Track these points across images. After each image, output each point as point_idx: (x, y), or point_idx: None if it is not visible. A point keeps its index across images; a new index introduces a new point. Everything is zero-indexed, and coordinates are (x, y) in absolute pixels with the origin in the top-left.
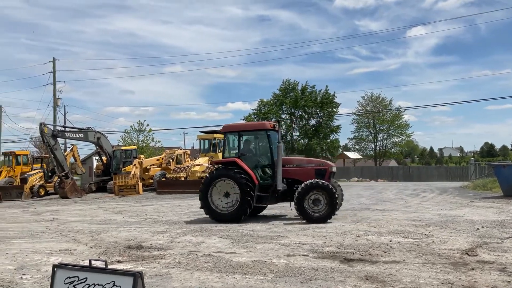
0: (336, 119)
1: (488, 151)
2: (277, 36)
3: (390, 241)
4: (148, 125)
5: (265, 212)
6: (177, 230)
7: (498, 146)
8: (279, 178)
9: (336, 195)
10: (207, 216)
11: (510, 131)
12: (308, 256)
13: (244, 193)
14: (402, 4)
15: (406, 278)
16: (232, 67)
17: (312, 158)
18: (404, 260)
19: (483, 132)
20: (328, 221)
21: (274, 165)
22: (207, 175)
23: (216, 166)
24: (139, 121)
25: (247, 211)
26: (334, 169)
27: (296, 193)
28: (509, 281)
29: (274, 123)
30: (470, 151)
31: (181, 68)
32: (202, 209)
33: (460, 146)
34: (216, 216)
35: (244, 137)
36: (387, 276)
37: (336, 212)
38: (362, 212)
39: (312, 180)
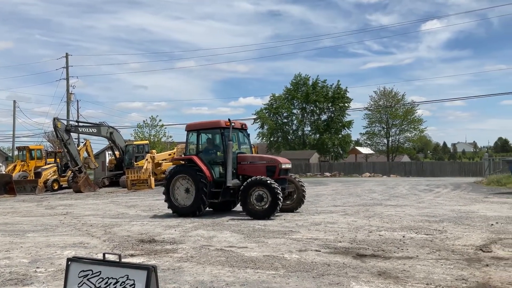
0: (348, 114)
1: (502, 146)
2: (288, 31)
3: (403, 236)
4: (160, 120)
5: None
6: (189, 224)
7: None
8: (229, 175)
9: (279, 193)
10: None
11: None
12: (320, 251)
13: (198, 189)
14: None
15: (419, 274)
16: (243, 62)
17: (264, 155)
18: (417, 256)
19: (497, 127)
20: (271, 218)
21: (225, 162)
22: (171, 170)
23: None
24: (152, 116)
25: (201, 206)
26: (285, 166)
27: (240, 189)
28: None
29: (229, 121)
30: (484, 146)
31: (192, 63)
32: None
33: (474, 141)
34: (175, 210)
35: (202, 135)
36: (400, 272)
37: (299, 209)
38: (374, 208)
39: (256, 177)
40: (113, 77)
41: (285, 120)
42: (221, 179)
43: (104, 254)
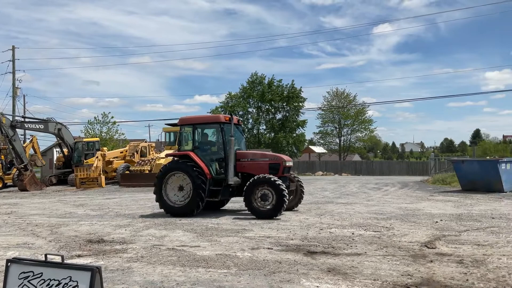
0: (302, 114)
1: (447, 146)
2: (244, 30)
3: (353, 233)
4: (112, 117)
5: (229, 205)
6: (140, 223)
7: (457, 142)
8: (231, 172)
9: (285, 191)
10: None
11: (469, 127)
12: (272, 249)
13: (196, 187)
14: (367, 2)
15: (367, 270)
16: (199, 59)
17: (266, 153)
18: (365, 252)
19: (444, 128)
20: (276, 217)
21: (226, 159)
22: (161, 169)
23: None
24: (104, 112)
25: (199, 205)
26: (288, 164)
27: (245, 187)
28: (465, 273)
29: (229, 116)
30: (430, 147)
31: (147, 59)
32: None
33: (421, 142)
34: (168, 210)
35: (199, 130)
36: (349, 268)
37: (299, 206)
38: (326, 206)
39: (261, 175)
40: (63, 72)
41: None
42: (220, 176)
43: (46, 255)
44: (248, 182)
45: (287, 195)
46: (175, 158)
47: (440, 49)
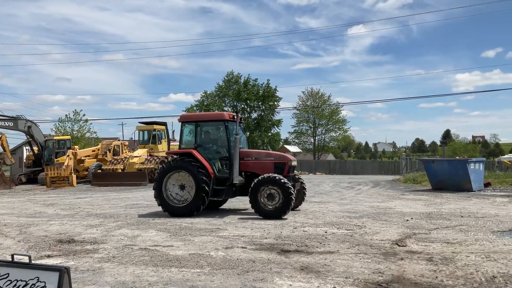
0: (277, 113)
1: (419, 146)
2: (219, 29)
3: (326, 232)
4: (84, 114)
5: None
6: (112, 223)
7: (428, 142)
8: (236, 172)
9: (291, 191)
10: (156, 209)
11: (439, 128)
12: (246, 248)
13: (199, 186)
14: (341, 3)
15: (339, 268)
16: (174, 57)
17: (271, 151)
18: (338, 250)
19: (415, 129)
20: (283, 217)
21: (231, 158)
22: (163, 166)
23: (171, 157)
24: (75, 110)
25: (202, 205)
26: (294, 163)
27: (250, 187)
28: (435, 270)
29: (233, 114)
30: (402, 146)
31: (121, 56)
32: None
33: (393, 142)
34: (169, 209)
35: (202, 128)
36: (322, 266)
37: (299, 207)
38: (300, 204)
39: (267, 174)
40: (34, 68)
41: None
42: (223, 175)
43: (12, 255)
44: (254, 181)
45: (294, 195)
46: (175, 156)
47: (412, 51)
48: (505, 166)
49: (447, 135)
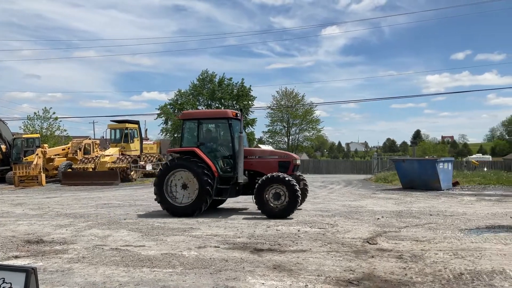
0: (252, 112)
1: (390, 146)
2: (193, 27)
3: (298, 231)
4: (54, 112)
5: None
6: (82, 223)
7: (399, 142)
8: (240, 170)
9: (298, 190)
10: (127, 209)
11: (410, 128)
12: (219, 247)
13: (203, 185)
14: (315, 4)
15: (311, 266)
16: (148, 55)
17: (275, 150)
18: (310, 249)
19: (386, 129)
20: (289, 216)
21: (235, 156)
22: (166, 163)
23: (173, 155)
24: (45, 108)
25: (205, 204)
26: (298, 162)
27: (256, 186)
28: (404, 268)
29: (237, 112)
30: (374, 146)
31: (93, 53)
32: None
33: (365, 141)
34: (171, 209)
35: (204, 126)
36: (294, 264)
37: (300, 207)
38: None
39: (273, 173)
40: (3, 65)
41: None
42: (226, 174)
43: None
44: (260, 180)
45: (300, 194)
46: (176, 155)
47: (384, 52)
48: (473, 166)
49: (417, 135)
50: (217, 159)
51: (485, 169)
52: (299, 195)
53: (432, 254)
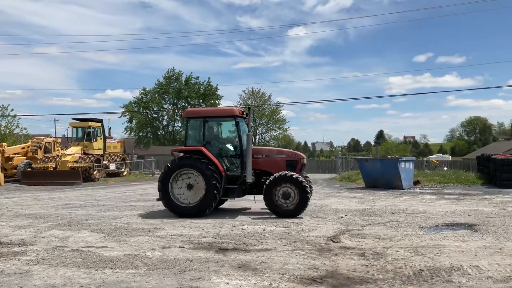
0: None
1: (354, 146)
2: (159, 25)
3: (264, 230)
4: (12, 109)
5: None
6: (42, 224)
7: (363, 142)
8: (249, 170)
9: (308, 189)
10: (89, 209)
11: (374, 128)
12: (184, 247)
13: (210, 185)
14: (282, 5)
15: (276, 265)
16: (112, 52)
17: (283, 149)
18: (275, 247)
19: (351, 129)
20: (298, 216)
21: (243, 155)
22: (168, 164)
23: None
24: (2, 105)
25: (212, 205)
26: (305, 161)
27: (264, 185)
28: (367, 265)
29: (242, 110)
30: (338, 146)
31: (54, 50)
32: (160, 201)
33: (331, 141)
34: (176, 210)
35: (210, 124)
36: (259, 263)
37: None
38: (239, 203)
39: (282, 172)
40: None
41: (156, 115)
42: (234, 174)
43: None
44: (269, 179)
45: (310, 192)
46: (177, 154)
47: (349, 54)
48: (433, 165)
49: (380, 135)
50: (223, 158)
51: (445, 168)
52: (309, 194)
53: (394, 252)
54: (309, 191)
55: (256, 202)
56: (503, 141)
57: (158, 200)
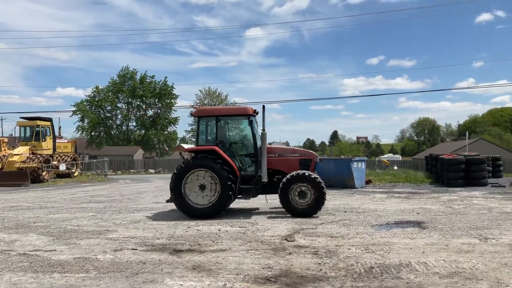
0: (174, 111)
1: (309, 146)
2: (113, 22)
3: (219, 230)
4: None
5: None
6: None
7: (318, 142)
8: (264, 169)
9: (324, 188)
10: (37, 212)
11: (328, 129)
12: (137, 249)
13: (225, 186)
14: (239, 5)
15: (231, 265)
16: (63, 49)
17: (296, 148)
18: (230, 248)
19: (306, 129)
20: (315, 215)
21: (257, 155)
22: (181, 165)
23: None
24: None
25: (226, 205)
26: (318, 159)
27: (280, 184)
28: (320, 263)
29: (255, 109)
30: (294, 146)
31: (2, 45)
32: (172, 202)
33: (287, 141)
34: (189, 211)
35: (223, 123)
36: (214, 264)
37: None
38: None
39: (298, 171)
40: None
41: (109, 114)
42: (249, 173)
43: None
44: (285, 179)
45: (326, 191)
46: (186, 154)
47: (304, 55)
48: (384, 165)
49: (334, 135)
50: (236, 158)
51: (395, 168)
52: (325, 192)
53: (346, 250)
54: (325, 189)
55: (268, 202)
56: (451, 142)
57: (168, 201)
